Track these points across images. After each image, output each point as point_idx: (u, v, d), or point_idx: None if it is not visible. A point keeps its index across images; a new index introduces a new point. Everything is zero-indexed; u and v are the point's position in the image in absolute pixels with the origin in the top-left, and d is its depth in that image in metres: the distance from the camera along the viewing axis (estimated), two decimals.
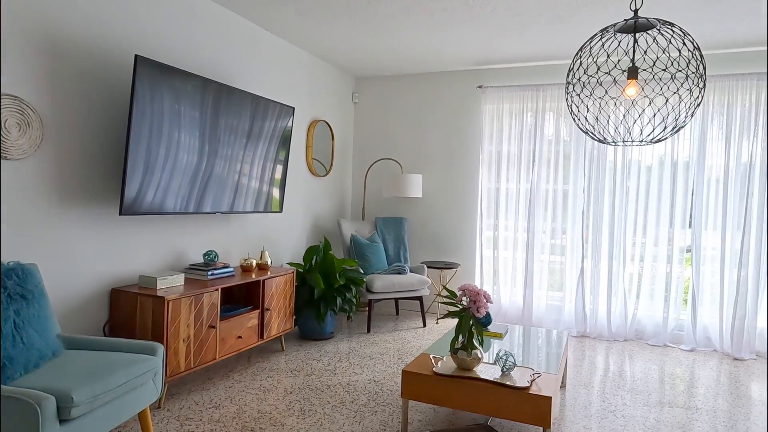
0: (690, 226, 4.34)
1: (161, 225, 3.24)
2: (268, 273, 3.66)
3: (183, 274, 3.07)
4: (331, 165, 5.16)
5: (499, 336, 3.14)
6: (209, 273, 3.25)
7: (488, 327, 3.24)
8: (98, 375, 1.97)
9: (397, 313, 5.18)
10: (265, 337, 3.58)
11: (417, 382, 2.47)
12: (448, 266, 4.89)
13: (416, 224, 5.35)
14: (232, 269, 3.47)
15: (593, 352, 4.15)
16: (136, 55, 2.68)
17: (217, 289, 3.10)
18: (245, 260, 3.65)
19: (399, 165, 5.36)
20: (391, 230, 5.11)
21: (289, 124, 4.01)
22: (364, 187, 5.43)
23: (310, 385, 3.19)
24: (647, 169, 4.44)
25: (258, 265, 3.80)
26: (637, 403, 3.08)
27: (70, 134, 2.67)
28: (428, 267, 4.91)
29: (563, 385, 3.32)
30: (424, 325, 4.74)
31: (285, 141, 4.01)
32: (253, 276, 3.51)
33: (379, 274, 4.63)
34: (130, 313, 2.81)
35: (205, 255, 3.37)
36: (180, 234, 3.39)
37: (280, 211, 4.08)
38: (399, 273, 4.65)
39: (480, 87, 4.98)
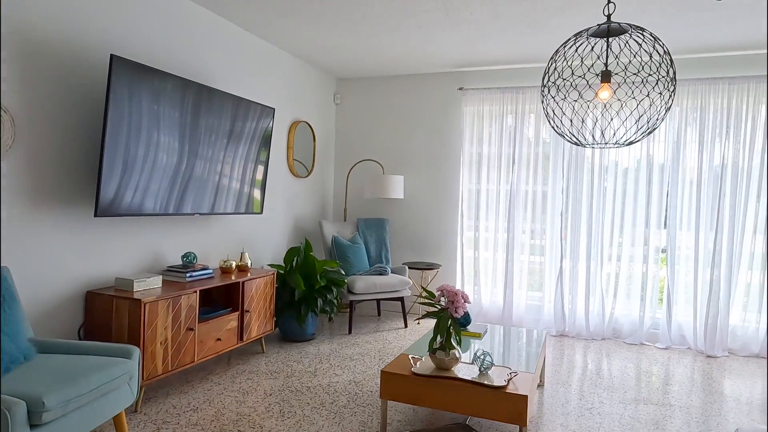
0: (665, 226, 4.43)
1: (139, 227, 3.20)
2: (248, 274, 3.64)
3: (161, 276, 3.04)
4: (313, 166, 5.15)
5: (477, 336, 3.17)
6: (188, 275, 3.22)
7: (467, 327, 3.27)
8: (71, 379, 1.94)
9: (379, 314, 5.19)
10: (244, 339, 3.55)
11: (396, 383, 2.48)
12: (430, 267, 4.91)
13: (398, 225, 5.37)
14: (211, 271, 3.44)
15: (572, 350, 4.20)
16: (111, 55, 2.65)
17: (196, 291, 3.07)
18: (225, 262, 3.63)
19: (381, 166, 5.37)
20: (372, 231, 5.12)
21: (270, 125, 4.00)
22: (345, 188, 5.43)
23: (290, 387, 3.18)
24: (624, 170, 4.52)
25: (238, 266, 3.78)
26: (613, 401, 3.14)
27: (43, 135, 2.62)
28: (410, 268, 4.93)
29: (541, 384, 3.36)
30: (406, 326, 4.76)
31: (266, 142, 3.99)
32: (233, 278, 3.48)
33: (361, 275, 4.63)
34: (105, 316, 2.77)
35: (183, 257, 3.34)
36: (158, 236, 3.35)
37: (261, 212, 4.06)
38: (380, 274, 4.66)
39: (461, 89, 5.02)
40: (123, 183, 2.82)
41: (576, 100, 2.32)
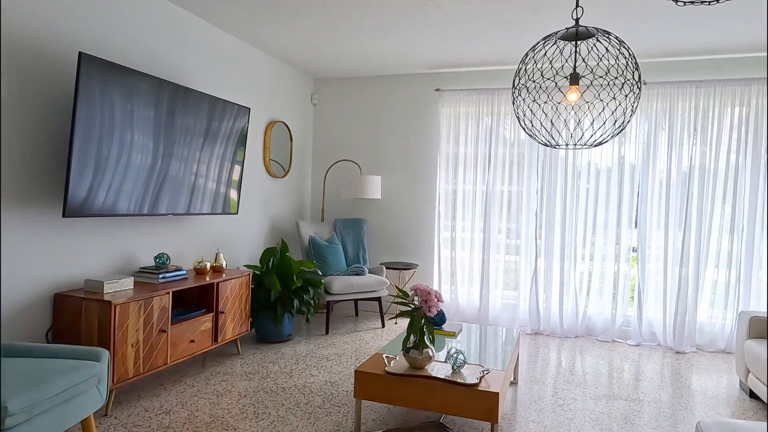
0: (636, 226, 4.54)
1: (110, 227, 3.15)
2: (223, 275, 3.61)
3: (132, 278, 2.99)
4: (290, 166, 5.12)
5: (452, 335, 3.20)
6: (160, 276, 3.18)
7: (442, 326, 3.30)
8: (36, 383, 1.90)
9: (357, 314, 5.20)
10: (219, 341, 3.52)
11: (370, 382, 2.49)
12: (407, 267, 4.93)
13: (375, 225, 5.38)
14: (185, 272, 3.40)
15: (546, 348, 4.27)
16: (80, 53, 2.60)
17: (168, 293, 3.03)
18: (199, 263, 3.59)
19: (358, 166, 5.37)
20: (350, 231, 5.12)
21: (246, 124, 3.97)
22: (323, 188, 5.42)
23: (265, 388, 3.17)
24: (596, 171, 4.61)
25: (212, 267, 3.74)
26: (585, 397, 3.20)
27: (9, 133, 2.56)
28: (387, 268, 4.94)
29: (515, 382, 3.41)
30: (383, 326, 4.77)
31: (242, 142, 3.96)
32: (207, 279, 3.45)
33: (338, 275, 4.63)
34: (74, 319, 2.72)
35: (156, 258, 3.29)
36: (130, 236, 3.30)
37: (237, 212, 4.03)
38: (357, 274, 4.67)
39: (437, 90, 5.06)
40: (95, 183, 2.78)
41: (546, 102, 2.37)
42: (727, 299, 4.29)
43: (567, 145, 2.34)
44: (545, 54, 2.08)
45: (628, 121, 2.19)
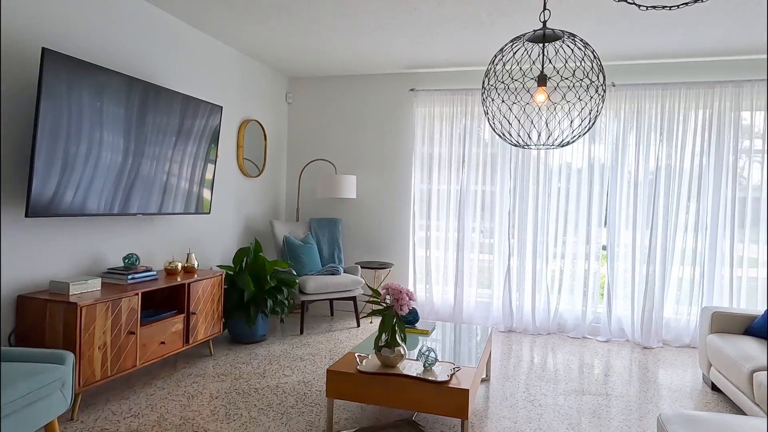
0: (605, 225, 4.64)
1: (78, 227, 3.08)
2: (195, 276, 3.56)
3: (100, 279, 2.93)
4: (264, 165, 5.08)
5: (425, 333, 3.23)
6: (129, 277, 3.12)
7: (416, 325, 3.32)
8: None
9: (332, 314, 5.19)
10: (191, 342, 3.47)
11: (342, 381, 2.49)
12: (382, 266, 4.95)
13: (351, 225, 5.38)
14: (155, 273, 3.35)
15: (519, 345, 4.33)
16: (43, 48, 2.54)
17: (138, 294, 2.98)
18: (170, 263, 3.54)
19: (333, 166, 5.36)
20: (325, 231, 5.11)
21: (218, 123, 3.93)
22: (298, 187, 5.39)
23: (238, 389, 3.14)
24: (568, 171, 4.70)
25: (184, 268, 3.69)
26: (555, 393, 3.26)
27: None
28: (362, 267, 4.95)
29: (487, 379, 3.45)
30: (358, 325, 4.77)
31: (215, 140, 3.92)
32: (179, 279, 3.40)
33: (313, 275, 4.61)
34: (38, 321, 2.65)
35: (125, 258, 3.23)
36: (98, 237, 3.23)
37: (210, 212, 3.98)
38: (332, 274, 4.66)
39: (412, 90, 5.09)
40: (63, 182, 2.72)
41: (514, 103, 2.40)
42: (691, 296, 4.42)
43: (536, 145, 2.38)
44: (513, 56, 2.12)
45: (593, 122, 2.24)
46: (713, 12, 3.33)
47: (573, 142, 2.31)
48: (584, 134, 2.26)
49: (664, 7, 2.02)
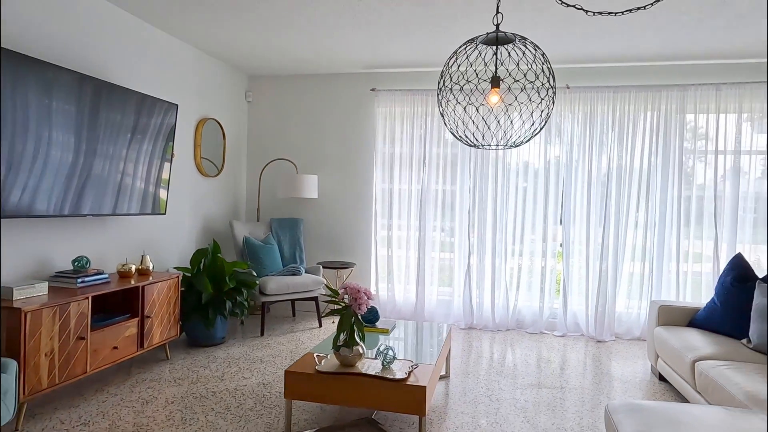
0: (561, 223, 4.78)
1: (25, 229, 2.94)
2: (150, 278, 3.47)
3: (47, 283, 2.82)
4: (223, 165, 4.99)
5: (385, 332, 3.25)
6: (79, 280, 3.01)
7: (376, 324, 3.33)
8: None
9: (294, 315, 5.15)
10: (146, 346, 3.38)
11: (300, 382, 2.48)
12: (344, 266, 4.94)
13: (312, 225, 5.35)
14: (107, 276, 3.24)
15: (479, 342, 4.41)
16: None
17: (87, 298, 2.88)
18: (123, 266, 3.43)
19: (294, 165, 5.32)
20: (286, 231, 5.06)
21: (174, 121, 3.83)
22: (258, 187, 5.32)
23: (194, 393, 3.08)
24: (525, 171, 4.82)
25: (138, 270, 3.59)
26: (513, 387, 3.34)
27: None
28: (324, 267, 4.93)
29: (447, 375, 3.50)
30: (320, 326, 4.75)
31: (171, 139, 3.82)
32: (132, 282, 3.30)
33: (273, 275, 4.57)
34: None
35: (74, 261, 3.12)
36: (47, 239, 3.10)
37: (165, 212, 3.89)
38: (294, 274, 4.63)
39: (373, 90, 5.10)
40: (9, 182, 2.60)
41: (470, 104, 2.45)
42: (641, 290, 4.61)
43: (490, 145, 2.43)
44: (467, 58, 2.16)
45: (545, 123, 2.31)
46: (659, 20, 3.48)
47: (525, 142, 2.37)
48: (536, 135, 2.33)
49: (609, 13, 2.10)
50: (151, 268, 3.61)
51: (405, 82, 5.09)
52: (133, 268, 3.46)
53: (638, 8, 2.09)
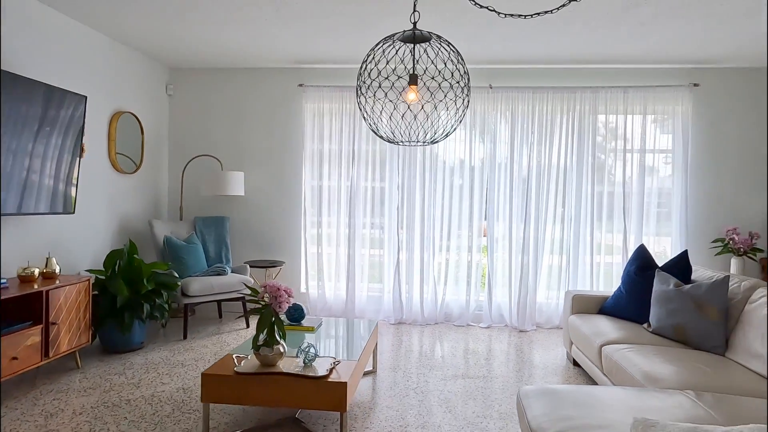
0: (486, 218, 4.94)
1: None
2: (56, 282, 3.23)
3: None
4: (141, 161, 4.74)
5: (311, 330, 3.22)
6: None
7: (301, 322, 3.29)
8: None
9: (220, 316, 4.99)
10: (51, 356, 3.15)
11: (218, 384, 2.40)
12: (273, 264, 4.85)
13: (239, 223, 5.21)
14: (5, 281, 2.98)
15: (408, 336, 4.48)
16: None
17: None
18: (25, 269, 3.17)
19: (219, 162, 5.15)
20: (211, 230, 4.89)
21: (83, 114, 3.59)
22: (181, 185, 5.10)
23: (106, 403, 2.90)
24: (451, 168, 4.94)
25: (42, 273, 3.33)
26: (438, 379, 3.41)
27: None
28: (252, 266, 4.81)
29: (374, 371, 3.53)
30: (248, 326, 4.64)
31: (81, 133, 3.57)
32: (36, 286, 3.06)
33: (197, 276, 4.40)
34: None
35: None
36: None
37: (74, 211, 3.63)
38: (219, 274, 4.48)
39: (301, 85, 5.03)
40: None
41: (389, 101, 2.47)
42: (560, 281, 4.86)
43: (409, 142, 2.47)
44: (384, 53, 2.17)
45: (460, 121, 2.37)
46: (571, 25, 3.68)
47: (442, 140, 2.42)
48: (452, 132, 2.39)
49: (519, 15, 2.19)
50: (57, 271, 3.37)
51: (333, 78, 5.06)
52: (37, 271, 3.21)
53: (546, 12, 2.19)
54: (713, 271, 3.25)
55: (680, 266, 3.29)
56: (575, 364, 3.74)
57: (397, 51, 2.15)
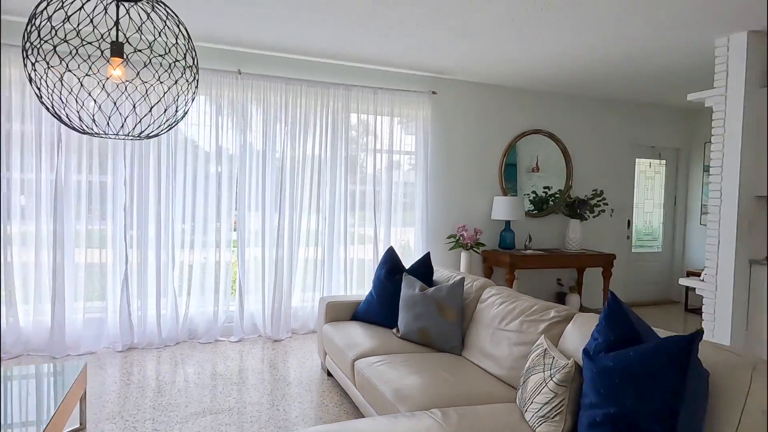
0: (236, 209, 4.42)
1: None
2: None
3: None
4: None
5: None
6: None
7: None
8: None
9: None
10: None
11: None
12: None
13: None
14: None
15: (140, 367, 3.68)
16: None
17: None
18: None
19: None
20: None
21: None
22: None
23: None
24: (194, 158, 4.28)
25: None
26: (175, 422, 2.80)
27: None
28: None
29: (83, 427, 2.71)
30: None
31: None
32: None
33: None
34: None
35: None
36: None
37: None
38: None
39: None
40: None
41: (87, 75, 1.77)
42: (315, 281, 4.68)
43: (114, 133, 1.81)
44: (63, 7, 1.47)
45: (186, 111, 1.83)
46: (320, 14, 3.43)
47: (162, 133, 1.85)
48: (176, 124, 1.84)
49: None
50: None
51: None
52: None
53: None
54: (450, 271, 3.45)
55: (423, 269, 3.40)
56: (329, 375, 3.58)
57: (83, 5, 1.48)
